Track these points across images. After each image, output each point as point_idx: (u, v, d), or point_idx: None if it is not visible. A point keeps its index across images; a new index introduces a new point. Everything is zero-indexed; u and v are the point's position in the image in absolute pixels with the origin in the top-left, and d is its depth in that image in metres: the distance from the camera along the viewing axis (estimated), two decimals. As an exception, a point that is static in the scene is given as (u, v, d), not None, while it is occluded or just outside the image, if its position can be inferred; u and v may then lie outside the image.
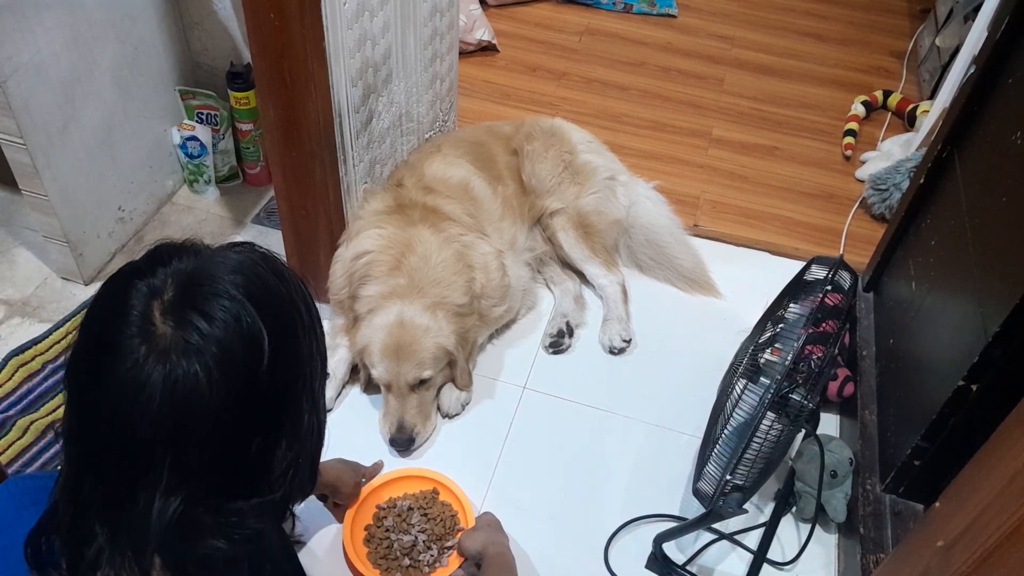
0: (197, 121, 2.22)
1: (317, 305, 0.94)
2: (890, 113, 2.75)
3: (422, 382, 1.75)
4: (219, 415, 0.78)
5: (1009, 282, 1.24)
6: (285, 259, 1.98)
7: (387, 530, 1.59)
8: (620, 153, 2.34)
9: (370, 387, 1.87)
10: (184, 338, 0.77)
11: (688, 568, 1.59)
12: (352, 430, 1.79)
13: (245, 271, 0.84)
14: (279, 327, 0.83)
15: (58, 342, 1.90)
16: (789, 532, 1.67)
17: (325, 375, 0.95)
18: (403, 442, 1.74)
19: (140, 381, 0.75)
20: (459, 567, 1.53)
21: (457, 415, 1.84)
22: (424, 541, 1.57)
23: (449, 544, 1.58)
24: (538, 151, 2.14)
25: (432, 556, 1.56)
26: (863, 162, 2.57)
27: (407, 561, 1.55)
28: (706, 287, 2.14)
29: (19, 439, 1.70)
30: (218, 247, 0.89)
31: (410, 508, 1.62)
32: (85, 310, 0.84)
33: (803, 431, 1.61)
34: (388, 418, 1.76)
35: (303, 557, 1.56)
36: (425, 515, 1.61)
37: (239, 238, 2.22)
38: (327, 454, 1.04)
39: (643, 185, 2.27)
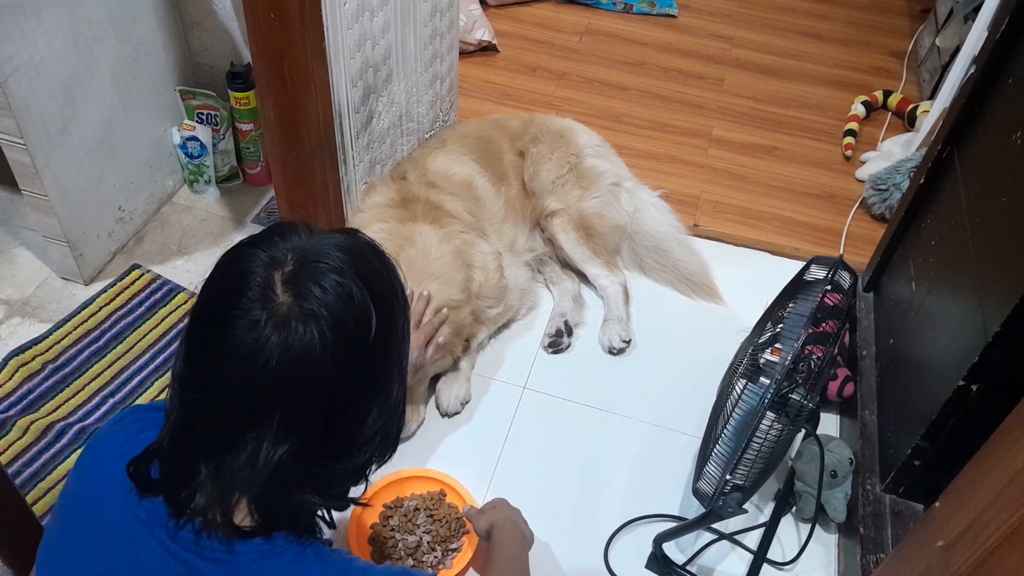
0: (197, 121, 2.22)
1: None
2: (890, 113, 2.75)
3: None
4: (328, 378, 0.86)
5: (1009, 282, 1.24)
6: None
7: (392, 529, 1.59)
8: (620, 153, 2.34)
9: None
10: (304, 306, 0.84)
11: (688, 568, 1.59)
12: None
13: (355, 252, 0.92)
14: (383, 305, 0.91)
15: (58, 342, 1.90)
16: (789, 532, 1.67)
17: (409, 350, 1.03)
18: None
19: (260, 342, 0.83)
20: (463, 567, 1.53)
21: (457, 413, 1.84)
22: (428, 542, 1.57)
23: (453, 546, 1.57)
24: (543, 154, 2.13)
25: (436, 558, 1.56)
26: (863, 162, 2.57)
27: (411, 562, 1.55)
28: (709, 293, 2.14)
29: (19, 439, 1.70)
30: (328, 230, 0.96)
31: (416, 509, 1.62)
32: (209, 275, 0.91)
33: (803, 431, 1.61)
34: None
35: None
36: (431, 516, 1.61)
37: (239, 238, 2.20)
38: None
39: (648, 192, 2.27)
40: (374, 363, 0.92)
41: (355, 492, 1.02)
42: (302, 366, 0.84)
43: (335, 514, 1.58)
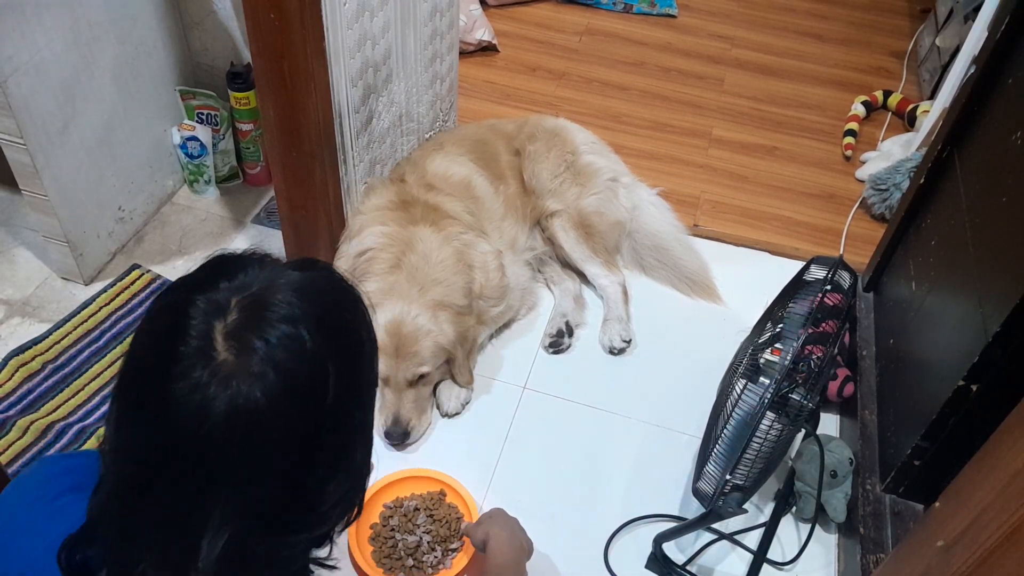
0: (197, 121, 2.22)
1: None
2: (890, 113, 2.75)
3: (420, 378, 1.75)
4: (280, 447, 0.75)
5: (1009, 282, 1.24)
6: (285, 259, 1.98)
7: (392, 529, 1.59)
8: (620, 153, 2.34)
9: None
10: (248, 366, 0.72)
11: (688, 568, 1.59)
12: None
13: (313, 292, 0.79)
14: (343, 356, 0.79)
15: (58, 342, 1.90)
16: (789, 532, 1.67)
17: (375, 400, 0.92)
18: (398, 436, 1.74)
19: (201, 406, 0.71)
20: (462, 569, 1.53)
21: (457, 414, 1.84)
22: (428, 542, 1.57)
23: (453, 546, 1.57)
24: (540, 152, 2.14)
25: (436, 558, 1.56)
26: (863, 162, 2.57)
27: (411, 561, 1.55)
28: (709, 292, 2.14)
29: (19, 439, 1.70)
30: (284, 263, 0.84)
31: (416, 508, 1.62)
32: (140, 323, 0.79)
33: (803, 431, 1.61)
34: (384, 412, 1.76)
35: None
36: (431, 516, 1.61)
37: (239, 238, 2.22)
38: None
39: (646, 190, 2.27)
40: (334, 426, 0.79)
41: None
42: (250, 435, 0.73)
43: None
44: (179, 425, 0.72)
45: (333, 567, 0.98)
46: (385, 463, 1.72)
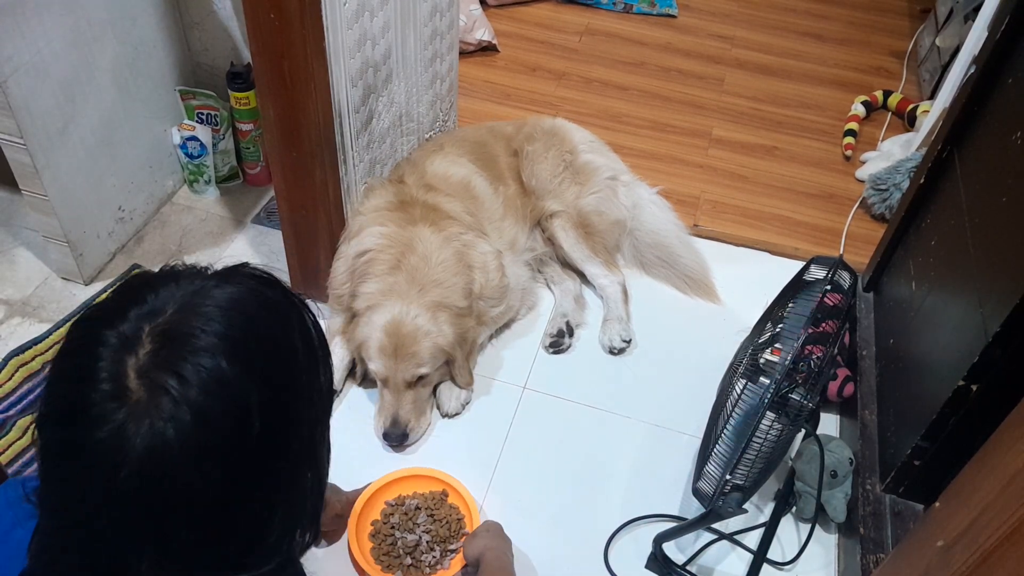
0: (197, 121, 2.22)
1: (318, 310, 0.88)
2: (890, 113, 2.75)
3: (419, 379, 1.75)
4: (202, 489, 0.70)
5: (1009, 282, 1.24)
6: (285, 259, 1.99)
7: (392, 527, 1.59)
8: (620, 153, 2.34)
9: (365, 381, 1.87)
10: (158, 405, 0.68)
11: (688, 568, 1.59)
12: (342, 428, 1.79)
13: (233, 316, 0.73)
14: (273, 383, 0.74)
15: (58, 342, 1.90)
16: (789, 532, 1.67)
17: (330, 409, 0.87)
18: (397, 437, 1.74)
19: (116, 451, 0.67)
20: (460, 570, 1.53)
21: (457, 415, 1.84)
22: (428, 542, 1.57)
23: (452, 547, 1.57)
24: (539, 152, 2.14)
25: (434, 557, 1.56)
26: (863, 162, 2.57)
27: (409, 560, 1.55)
28: (707, 291, 2.14)
29: (19, 439, 1.70)
30: (205, 277, 0.77)
31: (417, 507, 1.62)
32: (51, 366, 0.74)
33: (803, 431, 1.61)
34: (383, 413, 1.76)
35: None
36: (431, 516, 1.61)
37: (239, 238, 2.22)
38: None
39: (646, 189, 2.27)
40: (266, 457, 0.73)
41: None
42: (169, 476, 0.68)
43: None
44: (97, 471, 0.68)
45: None
46: (385, 463, 1.72)
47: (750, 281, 2.17)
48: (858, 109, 2.71)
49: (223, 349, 0.70)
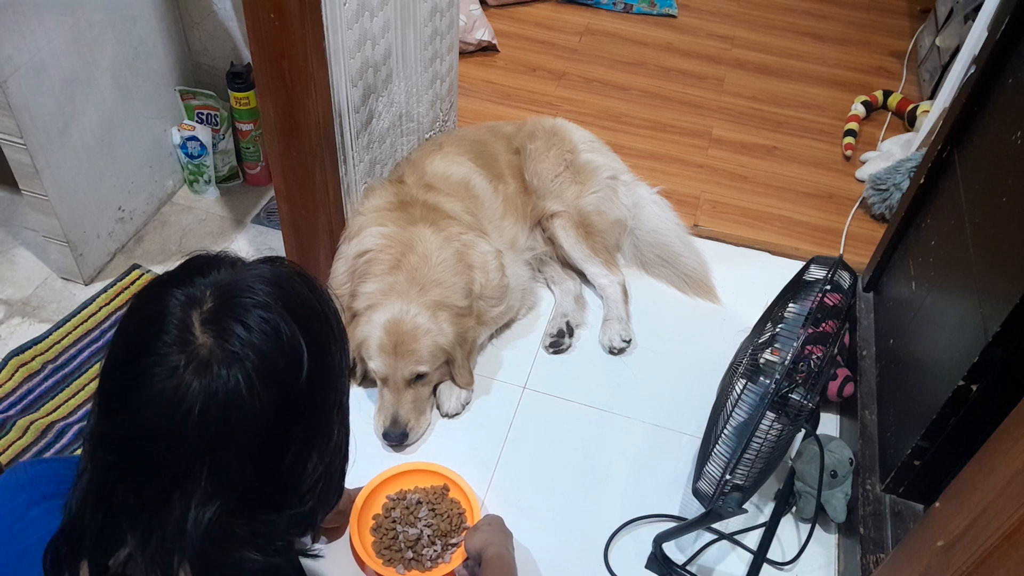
0: (197, 121, 2.22)
1: None
2: (890, 113, 2.75)
3: (419, 377, 1.75)
4: (257, 425, 0.79)
5: (1009, 282, 1.24)
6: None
7: (394, 521, 1.60)
8: (620, 153, 2.35)
9: (365, 381, 1.87)
10: (226, 347, 0.77)
11: (688, 568, 1.59)
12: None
13: (282, 284, 0.84)
14: (315, 340, 0.83)
15: (58, 342, 1.90)
16: (789, 532, 1.67)
17: (348, 388, 0.95)
18: (396, 436, 1.74)
19: (180, 391, 0.75)
20: (461, 564, 1.53)
21: (457, 415, 1.84)
22: (429, 536, 1.58)
23: (453, 541, 1.58)
24: (540, 150, 2.14)
25: (435, 552, 1.56)
26: (863, 162, 2.57)
27: (410, 554, 1.55)
28: (707, 291, 2.14)
29: (19, 439, 1.70)
30: (252, 260, 0.89)
31: (419, 502, 1.63)
32: (122, 317, 0.84)
33: (803, 431, 1.61)
34: (383, 412, 1.76)
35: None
36: (433, 510, 1.61)
37: (239, 238, 2.22)
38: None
39: (647, 188, 2.27)
40: (309, 405, 0.84)
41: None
42: (228, 414, 0.76)
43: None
44: (160, 408, 0.76)
45: (316, 555, 1.03)
46: (385, 463, 1.72)
47: (750, 281, 2.17)
48: (858, 109, 2.71)
49: (277, 307, 0.81)
